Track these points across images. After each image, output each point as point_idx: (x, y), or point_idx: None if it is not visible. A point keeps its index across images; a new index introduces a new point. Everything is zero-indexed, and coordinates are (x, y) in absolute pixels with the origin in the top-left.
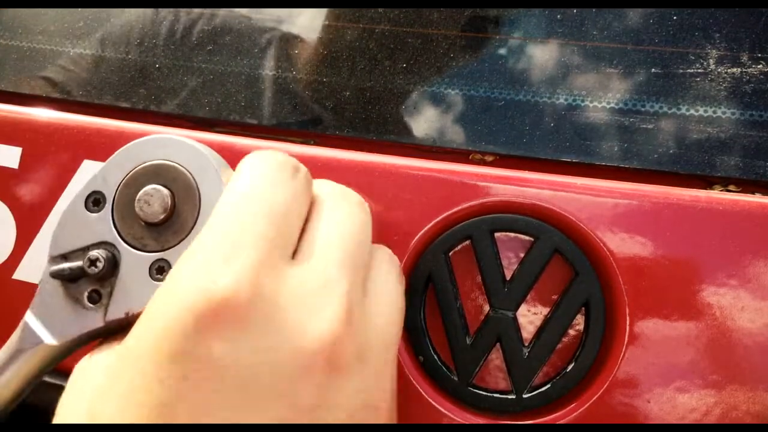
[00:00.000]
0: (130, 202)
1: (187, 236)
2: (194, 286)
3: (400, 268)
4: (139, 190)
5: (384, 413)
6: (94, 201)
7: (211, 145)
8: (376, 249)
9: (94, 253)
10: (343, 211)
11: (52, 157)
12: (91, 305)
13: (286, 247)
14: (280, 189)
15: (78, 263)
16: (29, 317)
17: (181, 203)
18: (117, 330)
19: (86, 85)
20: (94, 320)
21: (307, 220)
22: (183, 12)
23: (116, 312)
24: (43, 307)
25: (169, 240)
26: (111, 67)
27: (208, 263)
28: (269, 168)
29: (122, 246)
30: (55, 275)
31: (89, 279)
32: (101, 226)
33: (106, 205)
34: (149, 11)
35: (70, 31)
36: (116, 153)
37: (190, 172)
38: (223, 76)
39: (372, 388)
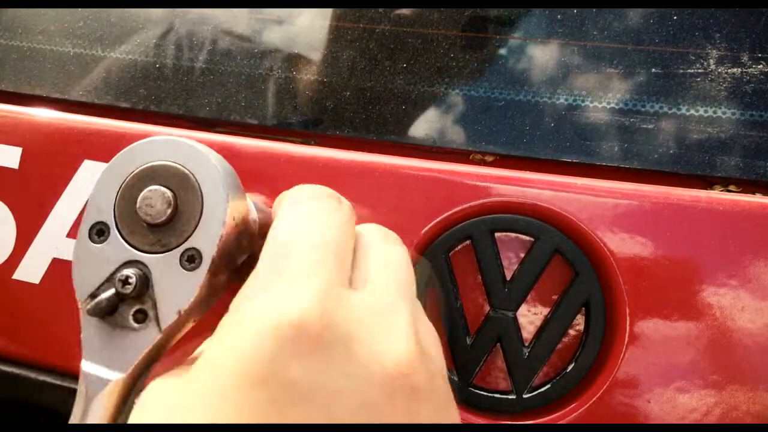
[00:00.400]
0: (132, 214)
1: (200, 218)
2: (268, 314)
3: None
4: (136, 199)
5: (453, 416)
6: (98, 232)
7: (211, 145)
8: None
9: (122, 273)
10: (389, 245)
11: (52, 157)
12: (140, 325)
13: (345, 275)
14: (331, 217)
15: (111, 291)
16: (85, 365)
17: (182, 194)
18: (176, 333)
19: (86, 85)
20: (150, 335)
21: (355, 252)
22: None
23: (169, 317)
24: (94, 351)
25: (186, 229)
26: (111, 66)
27: (276, 292)
28: (316, 198)
29: (144, 257)
30: (93, 313)
31: (127, 302)
32: (115, 250)
33: (111, 229)
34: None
35: (70, 31)
36: (98, 180)
37: (177, 163)
38: (224, 76)
39: (446, 408)
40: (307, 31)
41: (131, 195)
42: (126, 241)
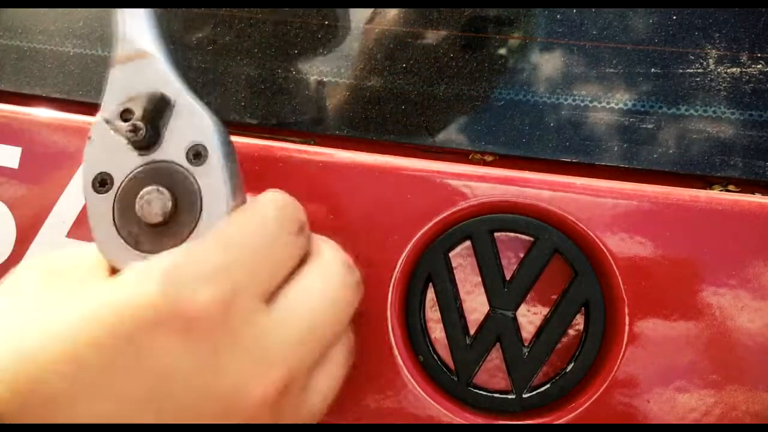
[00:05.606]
0: (130, 214)
1: (198, 218)
2: (174, 283)
3: (349, 363)
4: (135, 198)
5: None
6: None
7: None
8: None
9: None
10: (332, 284)
11: (52, 157)
12: None
13: (267, 291)
14: (282, 237)
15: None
16: None
17: (180, 195)
18: None
19: (86, 85)
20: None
21: (296, 273)
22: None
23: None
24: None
25: (184, 230)
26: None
27: (197, 269)
28: (281, 215)
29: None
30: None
31: None
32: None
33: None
34: None
35: (70, 31)
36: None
37: (176, 162)
38: (223, 76)
39: None
40: (306, 30)
41: (130, 194)
42: (124, 241)
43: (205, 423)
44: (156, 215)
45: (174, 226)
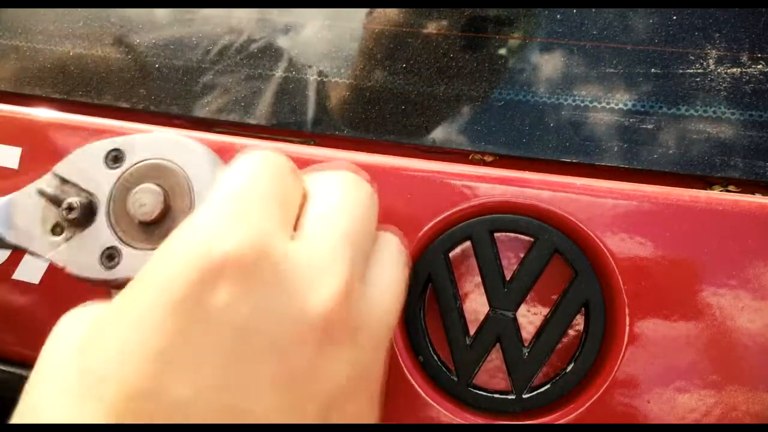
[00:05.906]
0: (124, 212)
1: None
2: (200, 242)
3: (406, 255)
4: (127, 197)
5: (371, 392)
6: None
7: (210, 145)
8: (382, 234)
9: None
10: (343, 194)
11: (52, 157)
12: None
13: (288, 222)
14: (278, 175)
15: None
16: None
17: (173, 192)
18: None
19: (86, 85)
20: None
21: (305, 204)
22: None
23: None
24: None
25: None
26: (111, 66)
27: (215, 223)
28: (270, 158)
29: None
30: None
31: None
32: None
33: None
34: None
35: (70, 31)
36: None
37: (167, 159)
38: (223, 75)
39: (363, 364)
40: (308, 31)
41: (123, 193)
42: (120, 239)
43: (294, 357)
44: (151, 211)
45: (174, 213)
